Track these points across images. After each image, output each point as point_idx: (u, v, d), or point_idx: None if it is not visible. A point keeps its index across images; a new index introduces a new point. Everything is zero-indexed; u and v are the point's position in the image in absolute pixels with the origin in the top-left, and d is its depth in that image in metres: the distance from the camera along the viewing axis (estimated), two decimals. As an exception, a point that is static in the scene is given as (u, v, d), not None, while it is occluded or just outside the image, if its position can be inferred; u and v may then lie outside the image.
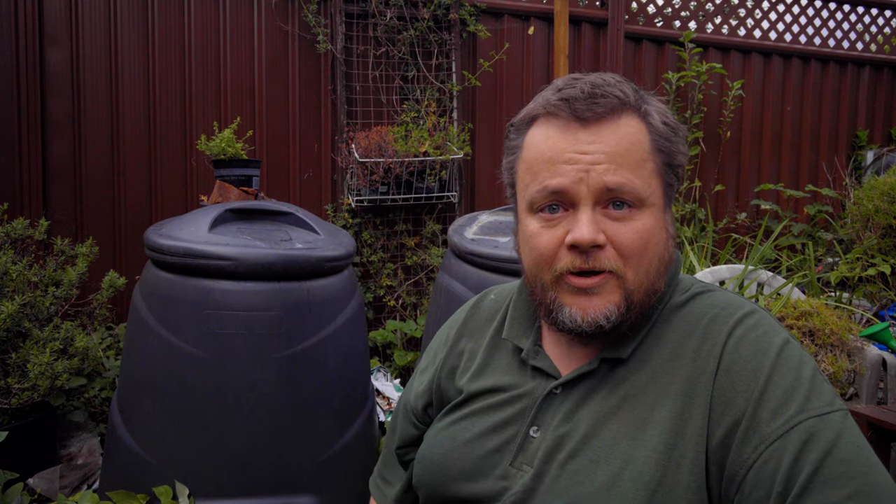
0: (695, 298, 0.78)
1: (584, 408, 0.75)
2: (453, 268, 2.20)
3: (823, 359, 2.05)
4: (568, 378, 0.78)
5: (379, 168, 2.95)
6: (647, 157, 0.74)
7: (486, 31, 3.27)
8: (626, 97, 0.74)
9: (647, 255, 0.73)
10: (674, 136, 0.77)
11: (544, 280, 0.76)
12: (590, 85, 0.74)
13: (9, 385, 1.92)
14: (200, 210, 1.83)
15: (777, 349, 0.70)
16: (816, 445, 0.63)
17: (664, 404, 0.71)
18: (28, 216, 2.49)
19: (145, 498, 1.57)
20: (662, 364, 0.74)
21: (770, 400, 0.67)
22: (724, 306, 0.76)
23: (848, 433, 0.65)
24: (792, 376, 0.68)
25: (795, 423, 0.65)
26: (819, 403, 0.66)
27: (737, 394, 0.68)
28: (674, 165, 0.77)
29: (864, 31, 4.30)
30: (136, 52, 2.83)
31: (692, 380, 0.71)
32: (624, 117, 0.74)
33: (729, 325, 0.73)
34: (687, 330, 0.75)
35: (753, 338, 0.72)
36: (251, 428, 1.60)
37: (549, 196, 0.74)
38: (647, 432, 0.71)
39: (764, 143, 4.07)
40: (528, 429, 0.78)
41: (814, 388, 0.68)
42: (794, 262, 3.20)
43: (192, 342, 1.59)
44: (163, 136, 2.88)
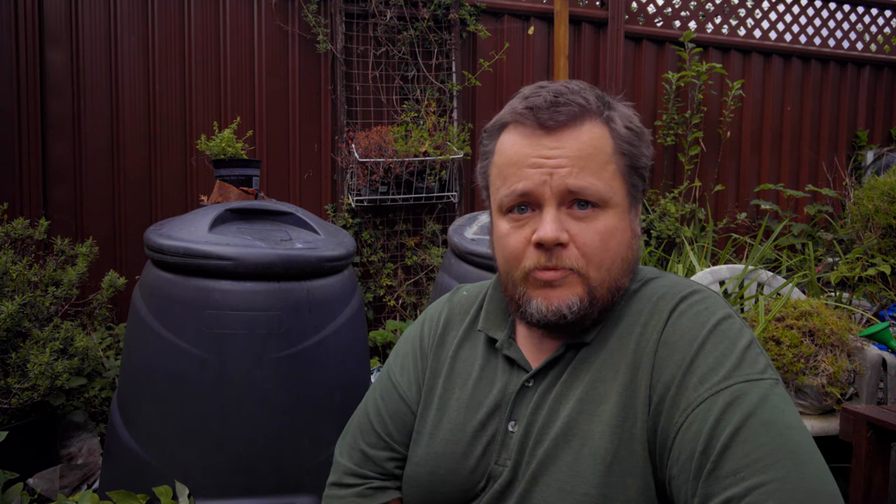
0: (648, 283, 0.83)
1: (551, 394, 0.79)
2: (453, 268, 2.20)
3: (823, 359, 2.05)
4: (537, 369, 0.82)
5: (379, 168, 2.95)
6: (609, 159, 0.78)
7: (485, 31, 3.27)
8: (588, 104, 0.78)
9: (609, 254, 0.77)
10: (636, 140, 0.80)
11: (514, 277, 0.80)
12: (553, 93, 0.78)
13: (9, 385, 1.92)
14: (200, 210, 1.82)
15: (715, 321, 0.73)
16: (740, 407, 0.64)
17: (615, 379, 0.75)
18: (28, 216, 2.49)
19: (145, 498, 1.57)
20: (615, 343, 0.78)
21: (700, 366, 0.69)
22: (672, 286, 0.80)
23: (775, 398, 0.66)
24: (725, 346, 0.70)
25: (722, 388, 0.66)
26: (748, 371, 0.68)
27: (672, 362, 0.71)
28: (637, 167, 0.81)
29: (864, 31, 4.30)
30: (136, 53, 2.83)
31: (638, 353, 0.75)
32: (586, 123, 0.78)
33: (675, 300, 0.77)
34: (638, 309, 0.79)
35: (694, 312, 0.75)
36: (251, 428, 1.60)
37: (516, 198, 0.78)
38: (601, 407, 0.74)
39: (764, 143, 4.07)
40: (506, 425, 0.81)
41: (746, 357, 0.69)
42: (794, 262, 3.20)
43: (192, 342, 1.59)
44: (163, 136, 2.88)
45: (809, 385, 2.05)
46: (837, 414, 2.07)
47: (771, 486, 0.59)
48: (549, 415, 0.78)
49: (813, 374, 2.04)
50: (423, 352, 0.94)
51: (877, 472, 1.69)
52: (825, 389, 2.04)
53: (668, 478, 0.68)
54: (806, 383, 2.05)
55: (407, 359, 0.95)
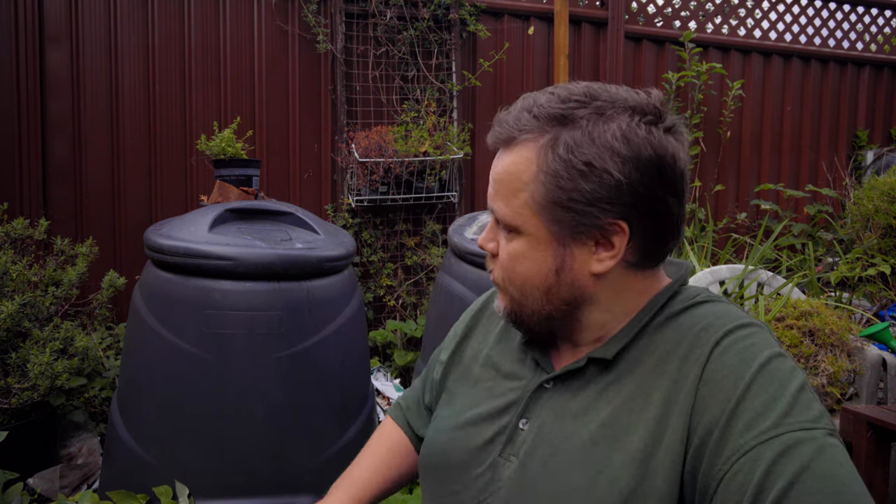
0: (694, 307, 0.77)
1: (570, 406, 0.77)
2: (453, 268, 2.20)
3: (823, 359, 2.05)
4: (557, 374, 0.80)
5: (379, 168, 2.95)
6: (522, 187, 0.74)
7: (485, 31, 3.27)
8: (525, 125, 0.74)
9: (518, 278, 0.78)
10: (572, 174, 0.71)
11: None
12: (505, 113, 0.77)
13: (9, 385, 1.92)
14: (200, 210, 1.82)
15: (763, 360, 0.68)
16: (793, 459, 0.60)
17: (646, 410, 0.71)
18: (28, 216, 2.49)
19: (145, 498, 1.57)
20: (649, 370, 0.74)
21: (747, 410, 0.64)
22: (720, 316, 0.74)
23: (831, 449, 0.61)
24: (774, 388, 0.65)
25: (772, 436, 0.62)
26: (801, 418, 0.63)
27: (715, 402, 0.67)
28: (563, 203, 0.72)
29: (864, 31, 4.30)
30: (136, 53, 2.83)
31: (674, 387, 0.71)
32: (519, 146, 0.75)
33: (719, 334, 0.71)
34: (677, 338, 0.74)
35: (740, 348, 0.70)
36: (251, 428, 1.60)
37: None
38: (626, 437, 0.70)
39: (764, 143, 4.07)
40: (517, 420, 0.80)
41: (798, 402, 0.64)
42: (794, 262, 3.20)
43: (192, 342, 1.59)
44: (163, 136, 2.88)
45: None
46: (837, 414, 2.07)
47: None
48: (568, 429, 0.75)
49: (813, 374, 2.04)
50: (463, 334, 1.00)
51: (877, 472, 1.69)
52: (825, 389, 2.04)
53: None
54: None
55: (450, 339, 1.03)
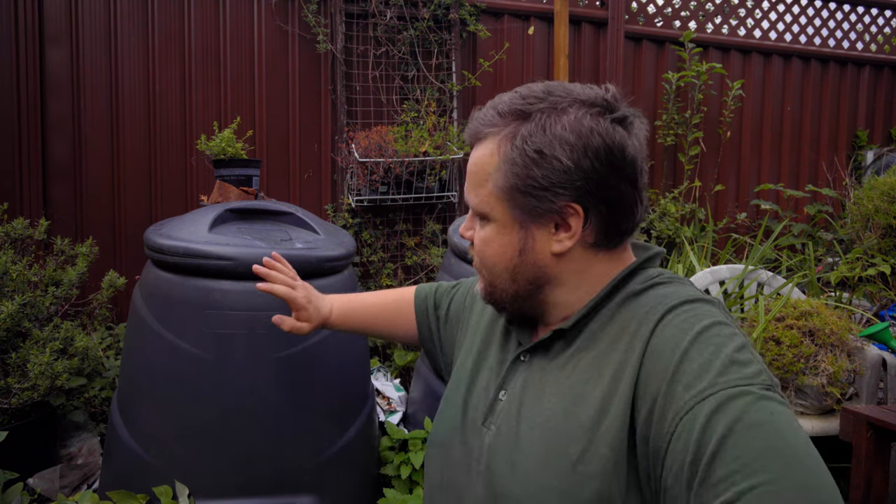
0: (652, 288, 0.82)
1: (537, 378, 0.84)
2: (453, 267, 2.20)
3: (823, 359, 2.05)
4: (528, 347, 0.88)
5: (379, 168, 2.95)
6: (487, 177, 0.83)
7: (486, 30, 3.27)
8: (489, 120, 0.82)
9: (488, 261, 0.87)
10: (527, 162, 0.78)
11: None
12: (477, 111, 0.85)
13: (9, 385, 1.92)
14: (200, 210, 1.83)
15: (701, 328, 0.72)
16: (726, 413, 0.63)
17: (598, 383, 0.77)
18: (28, 216, 2.49)
19: (145, 498, 1.57)
20: (605, 346, 0.79)
21: (685, 373, 0.68)
22: (667, 296, 0.79)
23: (764, 402, 0.64)
24: (710, 351, 0.69)
25: (707, 395, 0.65)
26: (736, 376, 0.66)
27: (657, 372, 0.71)
28: (523, 189, 0.80)
29: (864, 31, 4.30)
30: (136, 53, 2.83)
31: (623, 362, 0.76)
32: (485, 141, 0.83)
33: (663, 310, 0.77)
34: (631, 316, 0.79)
35: (680, 320, 0.74)
36: (251, 428, 1.60)
37: None
38: (578, 407, 0.77)
39: (764, 143, 4.07)
40: (497, 392, 0.89)
41: (734, 362, 0.68)
42: (794, 262, 3.20)
43: (192, 342, 1.59)
44: (163, 136, 2.88)
45: (809, 385, 2.05)
46: (837, 414, 2.07)
47: (762, 488, 0.58)
48: (533, 399, 0.83)
49: (813, 374, 2.04)
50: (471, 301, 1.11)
51: (877, 472, 1.69)
52: (825, 389, 2.04)
53: (663, 489, 0.67)
54: (806, 383, 2.05)
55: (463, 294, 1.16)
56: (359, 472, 1.83)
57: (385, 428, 2.17)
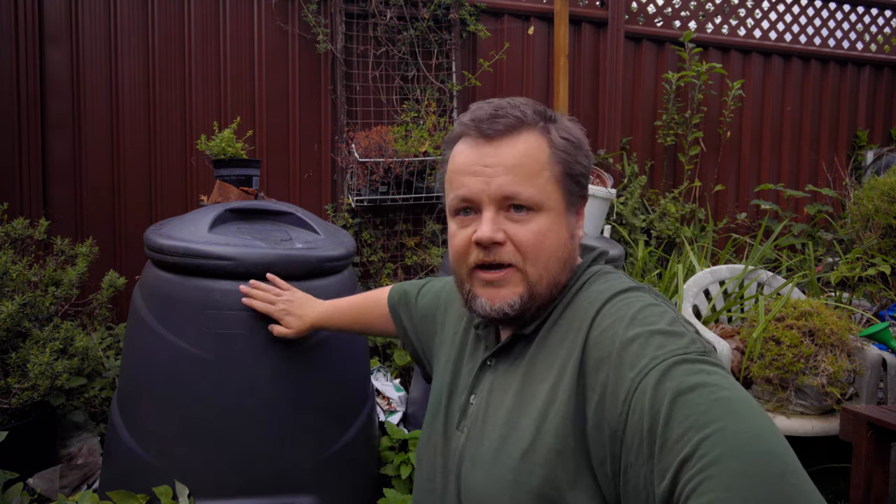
0: (590, 285, 0.88)
1: (501, 380, 0.89)
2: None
3: (823, 359, 2.05)
4: (492, 351, 0.93)
5: (379, 168, 2.95)
6: (543, 167, 0.85)
7: (486, 30, 3.27)
8: (524, 116, 0.86)
9: (545, 252, 0.85)
10: (573, 149, 0.88)
11: (462, 273, 0.90)
12: (494, 107, 0.87)
13: (9, 385, 1.92)
14: (200, 210, 1.82)
15: (633, 312, 0.77)
16: (671, 380, 0.67)
17: (546, 379, 0.82)
18: (28, 216, 2.49)
19: (145, 498, 1.57)
20: (554, 344, 0.84)
21: (628, 356, 0.72)
22: (605, 289, 0.85)
23: (700, 365, 0.68)
24: (645, 331, 0.74)
25: (650, 368, 0.69)
26: (672, 348, 0.71)
27: (601, 360, 0.75)
28: (573, 174, 0.88)
29: (864, 31, 4.30)
30: (136, 53, 2.83)
31: (567, 357, 0.81)
32: (523, 134, 0.86)
33: (598, 304, 0.82)
34: (573, 313, 0.85)
35: (615, 310, 0.79)
36: (251, 428, 1.60)
37: (460, 202, 0.87)
38: (530, 404, 0.82)
39: (764, 143, 4.07)
40: (468, 396, 0.93)
41: (670, 335, 0.73)
42: (794, 262, 3.20)
43: (192, 342, 1.59)
44: (163, 136, 2.88)
45: (809, 385, 2.05)
46: (837, 414, 2.07)
47: (716, 435, 0.61)
48: (495, 400, 0.88)
49: (813, 374, 2.04)
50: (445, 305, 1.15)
51: (877, 472, 1.69)
52: (825, 389, 2.04)
53: (624, 467, 0.70)
54: (806, 383, 2.05)
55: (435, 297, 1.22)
56: (359, 472, 1.83)
57: (385, 428, 2.17)
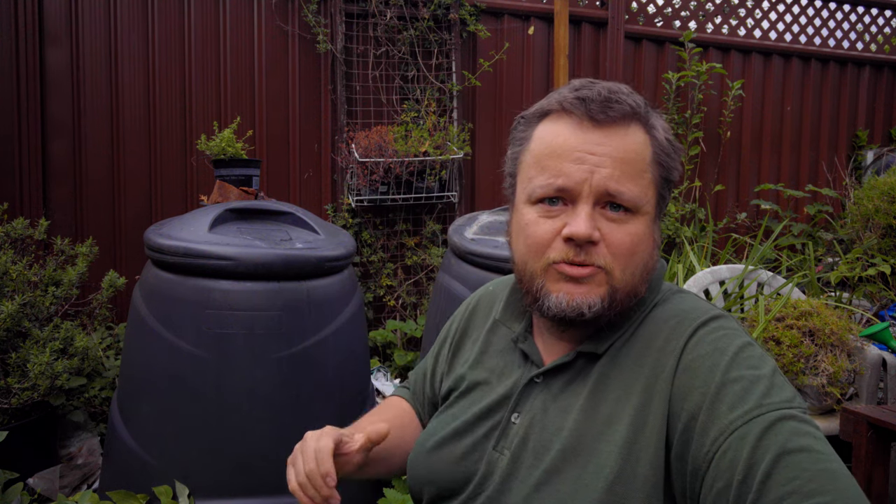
0: (668, 301, 0.83)
1: (560, 399, 0.80)
2: (453, 268, 2.20)
3: (823, 359, 2.05)
4: (547, 368, 0.83)
5: (379, 168, 2.95)
6: (647, 167, 0.78)
7: (486, 31, 3.27)
8: (638, 107, 0.78)
9: (635, 259, 0.77)
10: (673, 153, 0.81)
11: (534, 268, 0.79)
12: (606, 90, 0.78)
13: (9, 385, 1.92)
14: (200, 210, 1.82)
15: (736, 348, 0.73)
16: (777, 434, 0.64)
17: (629, 401, 0.75)
18: (28, 216, 2.49)
19: (145, 498, 1.57)
20: (630, 363, 0.78)
21: (728, 394, 0.68)
22: (690, 310, 0.80)
23: (809, 426, 0.67)
24: (751, 373, 0.70)
25: (755, 416, 0.66)
26: (778, 399, 0.68)
27: (693, 389, 0.71)
28: (669, 180, 0.81)
29: (864, 31, 4.30)
30: (136, 52, 2.83)
31: (653, 377, 0.75)
32: (633, 126, 0.77)
33: (692, 327, 0.76)
34: (653, 331, 0.79)
35: (713, 338, 0.74)
36: (251, 428, 1.60)
37: (553, 191, 0.77)
38: (611, 427, 0.75)
39: (764, 143, 4.07)
40: (510, 415, 0.83)
41: (774, 385, 0.69)
42: (794, 262, 3.20)
43: (192, 342, 1.59)
44: (163, 136, 2.88)
45: (809, 385, 2.05)
46: (837, 414, 2.07)
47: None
48: (557, 422, 0.79)
49: (813, 374, 2.04)
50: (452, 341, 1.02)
51: (877, 472, 1.69)
52: (825, 389, 2.04)
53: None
54: (806, 383, 2.05)
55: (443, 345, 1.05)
56: (359, 472, 1.83)
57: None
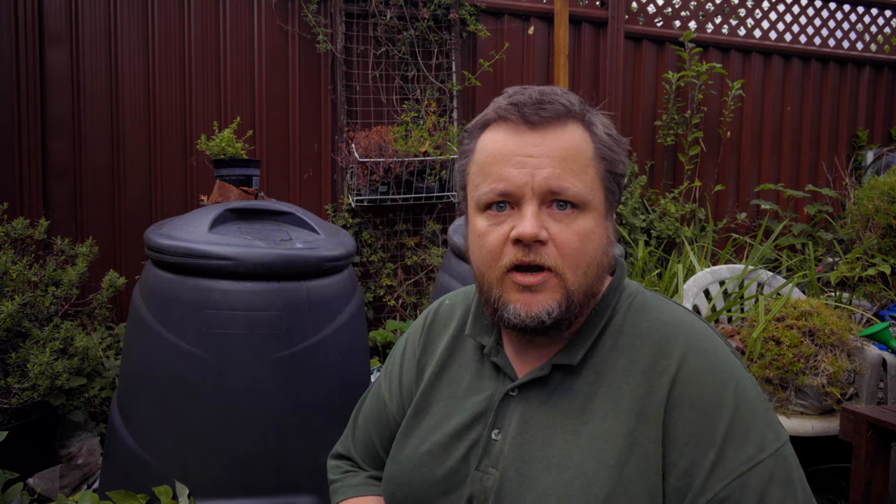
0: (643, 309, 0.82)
1: (540, 414, 0.79)
2: (453, 267, 2.20)
3: (823, 359, 2.05)
4: (522, 381, 0.82)
5: (379, 168, 2.95)
6: (589, 163, 0.78)
7: (486, 30, 3.27)
8: (572, 105, 0.79)
9: (586, 257, 0.77)
10: (616, 147, 0.81)
11: (491, 278, 0.78)
12: (538, 93, 0.79)
13: (9, 385, 1.92)
14: (200, 210, 1.82)
15: (735, 383, 0.75)
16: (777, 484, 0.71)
17: (616, 418, 0.75)
18: (28, 216, 2.49)
19: (145, 498, 1.57)
20: (615, 377, 0.77)
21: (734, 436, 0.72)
22: (677, 324, 0.80)
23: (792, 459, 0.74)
24: (749, 411, 0.74)
25: (758, 461, 0.71)
26: (773, 439, 0.73)
27: (698, 425, 0.73)
28: (615, 174, 0.81)
29: (864, 31, 4.30)
30: (136, 52, 2.83)
31: (644, 398, 0.75)
32: (569, 125, 0.78)
33: (682, 347, 0.77)
34: (638, 344, 0.79)
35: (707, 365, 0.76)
36: (251, 428, 1.60)
37: (497, 195, 0.77)
38: (597, 444, 0.74)
39: (764, 143, 4.07)
40: (489, 432, 0.81)
41: (769, 423, 0.74)
42: (794, 262, 3.20)
43: (192, 342, 1.59)
44: (163, 136, 2.88)
45: (809, 385, 2.05)
46: (837, 414, 2.07)
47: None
48: (540, 437, 0.78)
49: (813, 374, 2.04)
50: (409, 359, 0.97)
51: (877, 472, 1.69)
52: (825, 389, 2.04)
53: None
54: (806, 383, 2.05)
55: (394, 366, 1.00)
56: (359, 472, 1.83)
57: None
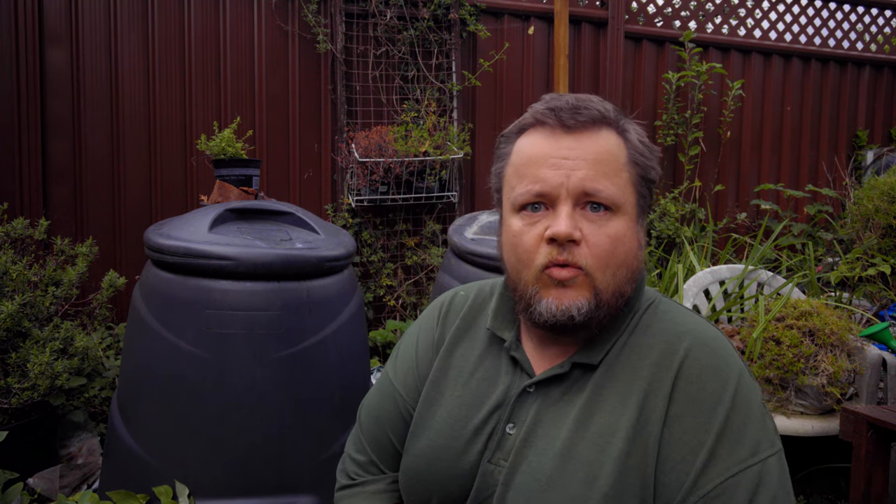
0: (656, 311, 0.86)
1: (555, 410, 0.82)
2: (453, 267, 2.20)
3: (823, 359, 2.05)
4: (540, 378, 0.84)
5: (379, 168, 2.95)
6: (622, 167, 0.81)
7: (486, 30, 3.27)
8: (607, 112, 0.82)
9: (616, 258, 0.79)
10: (648, 154, 0.85)
11: (527, 276, 0.81)
12: (574, 99, 0.82)
13: (9, 385, 1.92)
14: (200, 210, 1.82)
15: (736, 382, 0.78)
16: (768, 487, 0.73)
17: (624, 414, 0.78)
18: (28, 216, 2.49)
19: (145, 498, 1.57)
20: (626, 375, 0.81)
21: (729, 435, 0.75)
22: (689, 325, 0.83)
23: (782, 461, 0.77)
24: (745, 412, 0.76)
25: (749, 465, 0.74)
26: (766, 444, 0.76)
27: (695, 421, 0.76)
28: (647, 179, 0.84)
29: (864, 31, 4.30)
30: (136, 52, 2.83)
31: (650, 394, 0.78)
32: (604, 130, 0.81)
33: (686, 345, 0.80)
34: (648, 343, 0.82)
35: (709, 363, 0.79)
36: (251, 428, 1.60)
37: (533, 196, 0.80)
38: (606, 439, 0.77)
39: (764, 143, 4.07)
40: (504, 426, 0.84)
41: (764, 426, 0.77)
42: (794, 262, 3.20)
43: (192, 342, 1.59)
44: (163, 136, 2.88)
45: (809, 385, 2.05)
46: (837, 414, 2.07)
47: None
48: (553, 432, 0.80)
49: (813, 374, 2.04)
50: (425, 349, 0.97)
51: (877, 472, 1.69)
52: (825, 389, 2.04)
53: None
54: (806, 383, 2.05)
55: (408, 358, 0.99)
56: (359, 472, 1.83)
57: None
